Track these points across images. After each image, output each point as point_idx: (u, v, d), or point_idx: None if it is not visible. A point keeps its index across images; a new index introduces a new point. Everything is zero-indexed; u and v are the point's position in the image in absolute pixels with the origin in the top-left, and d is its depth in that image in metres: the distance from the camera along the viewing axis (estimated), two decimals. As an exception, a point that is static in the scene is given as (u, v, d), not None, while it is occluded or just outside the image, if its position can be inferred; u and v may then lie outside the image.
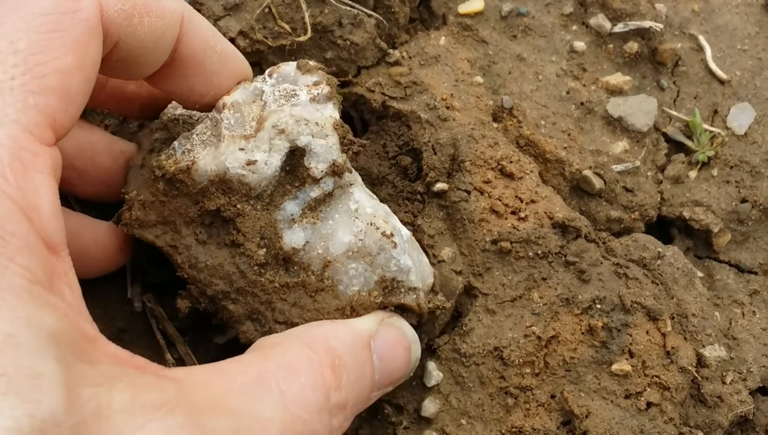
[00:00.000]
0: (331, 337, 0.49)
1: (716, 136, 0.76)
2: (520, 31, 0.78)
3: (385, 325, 0.53)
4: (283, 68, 0.57)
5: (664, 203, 0.74)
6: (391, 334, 0.53)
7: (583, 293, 0.64)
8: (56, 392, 0.32)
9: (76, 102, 0.39)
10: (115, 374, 0.36)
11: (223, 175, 0.52)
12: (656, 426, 0.62)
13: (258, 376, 0.42)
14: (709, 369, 0.66)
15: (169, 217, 0.53)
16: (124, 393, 0.35)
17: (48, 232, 0.36)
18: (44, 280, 0.35)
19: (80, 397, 0.33)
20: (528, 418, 0.62)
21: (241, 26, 0.67)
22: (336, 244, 0.56)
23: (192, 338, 0.64)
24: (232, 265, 0.54)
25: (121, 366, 0.37)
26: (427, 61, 0.73)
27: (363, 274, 0.56)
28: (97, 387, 0.34)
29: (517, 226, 0.65)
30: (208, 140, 0.53)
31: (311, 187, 0.55)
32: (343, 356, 0.48)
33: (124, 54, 0.45)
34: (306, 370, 0.44)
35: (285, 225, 0.55)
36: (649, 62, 0.79)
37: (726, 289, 0.73)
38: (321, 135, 0.54)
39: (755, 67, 0.80)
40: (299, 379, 0.43)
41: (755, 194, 0.74)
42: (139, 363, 0.39)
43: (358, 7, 0.70)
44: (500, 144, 0.69)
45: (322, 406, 0.44)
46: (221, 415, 0.38)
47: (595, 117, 0.75)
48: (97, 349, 0.37)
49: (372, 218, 0.57)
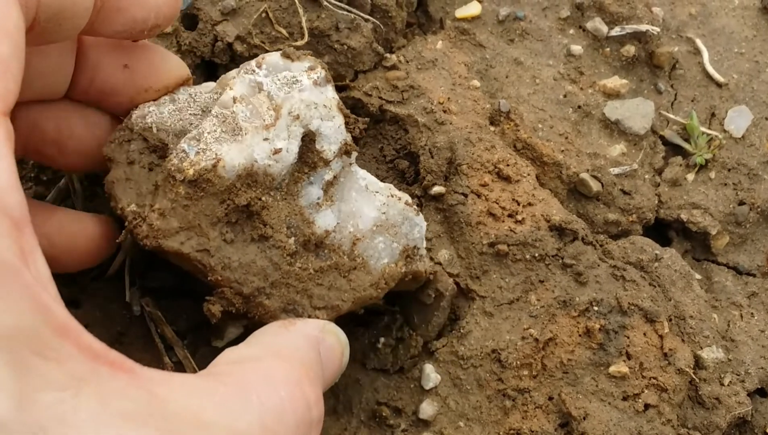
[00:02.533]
0: (298, 348, 0.49)
1: (714, 138, 0.76)
2: (517, 35, 0.78)
3: (327, 332, 0.53)
4: (269, 59, 0.56)
5: (661, 206, 0.74)
6: (332, 341, 0.53)
7: (581, 295, 0.65)
8: (7, 400, 0.30)
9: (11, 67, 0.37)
10: (84, 374, 0.33)
11: (251, 167, 0.52)
12: (654, 428, 0.62)
13: (238, 388, 0.41)
14: (707, 371, 0.66)
15: (193, 221, 0.52)
16: (92, 399, 0.33)
17: (9, 206, 0.33)
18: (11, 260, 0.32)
19: (38, 403, 0.31)
20: (526, 420, 0.62)
21: (238, 31, 0.68)
22: (364, 220, 0.57)
23: (191, 342, 0.64)
24: (264, 259, 0.53)
25: (93, 363, 0.34)
26: (424, 65, 0.74)
27: (390, 245, 0.58)
28: (61, 391, 0.32)
29: (515, 228, 0.66)
30: (222, 137, 0.52)
31: (323, 169, 0.55)
32: (312, 367, 0.48)
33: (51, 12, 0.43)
34: (285, 384, 0.43)
35: (312, 210, 0.55)
36: (646, 65, 0.79)
37: (724, 291, 0.73)
38: (329, 117, 0.55)
39: (752, 70, 0.80)
40: (279, 393, 0.42)
41: (753, 197, 0.74)
42: (114, 359, 0.36)
43: (355, 12, 0.70)
44: (497, 147, 0.69)
45: (302, 421, 0.43)
46: (196, 429, 0.36)
47: (593, 120, 0.76)
48: (67, 341, 0.34)
49: (389, 190, 0.59)
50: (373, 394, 0.64)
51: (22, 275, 0.33)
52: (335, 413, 0.64)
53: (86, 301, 0.63)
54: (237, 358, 0.46)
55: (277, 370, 0.44)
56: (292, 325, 0.52)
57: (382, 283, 0.58)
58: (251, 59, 0.68)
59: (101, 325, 0.62)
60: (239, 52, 0.68)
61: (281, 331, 0.51)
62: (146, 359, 0.63)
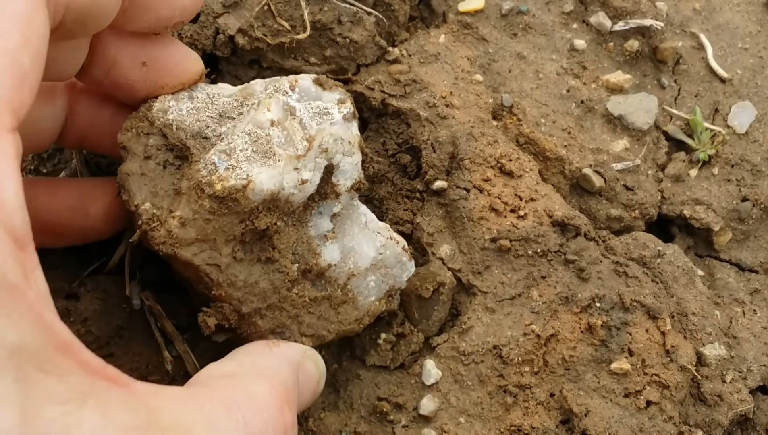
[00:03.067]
0: (280, 371, 0.50)
1: (717, 134, 0.76)
2: (521, 29, 0.78)
3: (307, 358, 0.54)
4: (302, 83, 0.56)
5: (664, 202, 0.74)
6: (311, 368, 0.54)
7: (583, 292, 0.64)
8: (11, 414, 0.31)
9: (29, 79, 0.37)
10: (84, 388, 0.34)
11: (277, 194, 0.52)
12: (656, 425, 0.62)
13: (225, 406, 0.42)
14: (709, 368, 0.66)
15: (210, 235, 0.52)
16: (95, 412, 0.34)
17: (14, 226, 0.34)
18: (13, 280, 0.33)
19: (42, 417, 0.32)
20: (527, 416, 0.62)
21: (240, 24, 0.67)
22: (363, 259, 0.59)
23: (190, 336, 0.64)
24: (267, 281, 0.54)
25: (92, 377, 0.35)
26: (426, 59, 0.73)
27: (379, 285, 0.60)
28: (64, 405, 0.33)
29: (517, 224, 0.65)
30: (252, 157, 0.52)
31: (333, 202, 0.57)
32: (292, 391, 0.49)
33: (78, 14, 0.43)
34: (268, 406, 0.44)
35: (320, 241, 0.57)
36: (650, 60, 0.79)
37: (726, 287, 0.72)
38: (350, 153, 0.56)
39: (756, 66, 0.80)
40: (263, 415, 0.43)
41: (756, 193, 0.74)
42: (110, 374, 0.37)
43: (358, 5, 0.70)
44: (500, 142, 0.69)
45: None
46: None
47: (596, 115, 0.75)
48: (68, 357, 0.35)
49: (389, 232, 0.61)
50: (373, 390, 0.64)
51: (25, 294, 0.33)
52: (336, 409, 0.64)
53: (86, 294, 0.63)
54: (223, 373, 0.48)
55: (261, 391, 0.45)
56: (276, 347, 0.53)
57: (365, 319, 0.60)
58: (252, 52, 0.68)
59: (101, 318, 0.62)
60: (241, 45, 0.67)
61: (266, 353, 0.53)
62: (146, 353, 0.63)
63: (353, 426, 0.63)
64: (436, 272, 0.65)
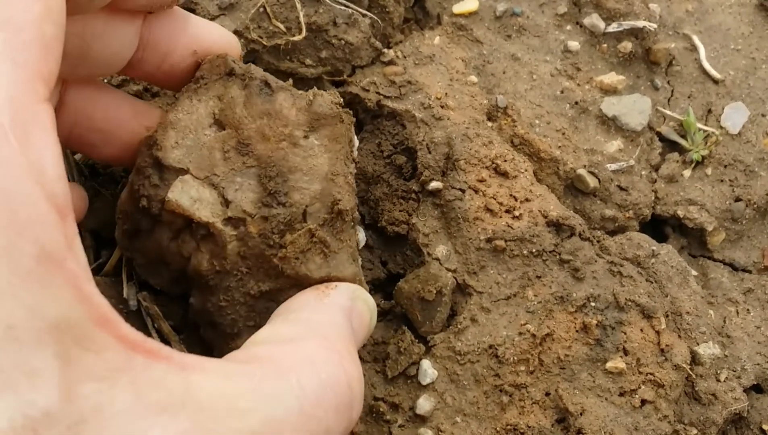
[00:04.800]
0: (336, 324, 0.48)
1: (710, 135, 0.77)
2: (515, 31, 0.78)
3: (357, 299, 0.53)
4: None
5: (658, 202, 0.74)
6: (362, 308, 0.53)
7: (578, 291, 0.65)
8: (52, 390, 0.31)
9: (53, 48, 0.37)
10: (120, 365, 0.34)
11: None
12: (651, 423, 0.62)
13: (277, 372, 0.40)
14: (703, 367, 0.66)
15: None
16: (127, 391, 0.33)
17: (56, 195, 0.34)
18: (57, 251, 0.33)
19: (80, 395, 0.32)
20: (523, 415, 0.62)
21: (236, 26, 0.67)
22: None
23: (187, 337, 0.64)
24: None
25: (130, 352, 0.35)
26: (421, 60, 0.73)
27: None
28: (99, 382, 0.33)
29: (512, 224, 0.66)
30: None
31: None
32: (350, 342, 0.47)
33: None
34: (326, 365, 0.43)
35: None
36: (643, 62, 0.79)
37: (720, 287, 0.73)
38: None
39: (749, 67, 0.80)
40: (320, 376, 0.42)
41: (749, 193, 0.75)
42: (151, 347, 0.36)
43: (353, 7, 0.70)
44: (495, 143, 0.69)
45: (342, 402, 0.42)
46: (231, 417, 0.36)
47: (590, 116, 0.76)
48: (106, 330, 0.34)
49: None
50: (370, 390, 0.64)
51: (67, 265, 0.33)
52: (332, 409, 0.64)
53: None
54: (276, 338, 0.46)
55: (318, 351, 0.44)
56: (326, 296, 0.51)
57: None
58: (248, 55, 0.68)
59: (98, 320, 0.62)
60: (236, 47, 0.68)
61: (318, 306, 0.50)
62: (143, 354, 0.63)
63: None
64: (437, 274, 0.65)
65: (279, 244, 0.53)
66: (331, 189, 0.54)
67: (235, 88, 0.55)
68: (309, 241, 0.53)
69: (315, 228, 0.53)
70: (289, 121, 0.54)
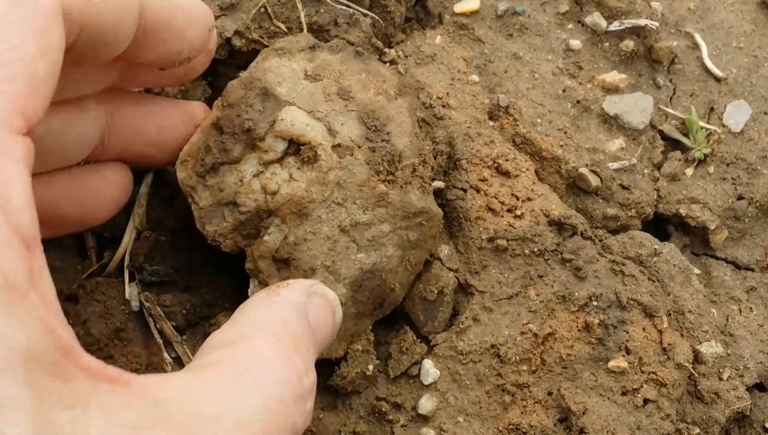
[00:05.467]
0: (285, 321, 0.48)
1: (712, 133, 0.76)
2: (516, 30, 0.78)
3: (313, 293, 0.53)
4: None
5: (660, 201, 0.74)
6: (320, 302, 0.53)
7: (580, 290, 0.65)
8: (24, 420, 0.31)
9: (43, 88, 0.38)
10: (88, 392, 0.34)
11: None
12: (653, 422, 0.62)
13: (233, 376, 0.41)
14: (705, 365, 0.66)
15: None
16: (99, 416, 0.34)
17: (21, 226, 0.34)
18: (20, 281, 0.33)
19: (53, 423, 0.32)
20: (525, 415, 0.62)
21: (237, 26, 0.67)
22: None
23: (189, 337, 0.64)
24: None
25: (95, 380, 0.35)
26: (423, 60, 0.73)
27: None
28: (72, 409, 0.33)
29: (514, 223, 0.66)
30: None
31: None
32: (300, 337, 0.47)
33: (92, 37, 0.44)
34: (278, 362, 0.44)
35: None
36: (645, 60, 0.79)
37: (723, 285, 0.73)
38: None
39: (751, 65, 0.80)
40: (274, 373, 0.43)
41: (752, 191, 0.74)
42: (111, 375, 0.36)
43: (354, 7, 0.70)
44: (496, 142, 0.69)
45: (297, 395, 0.43)
46: (204, 426, 0.37)
47: (591, 115, 0.76)
48: (71, 361, 0.34)
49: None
50: (372, 390, 0.64)
51: (28, 296, 0.33)
52: (335, 409, 0.64)
53: (85, 296, 0.63)
54: (226, 341, 0.46)
55: (266, 348, 0.44)
56: (276, 295, 0.51)
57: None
58: (249, 55, 0.68)
59: (100, 320, 0.62)
60: (237, 47, 0.68)
61: (267, 304, 0.51)
62: (145, 355, 0.63)
63: (352, 426, 0.63)
64: (439, 274, 0.65)
65: (388, 170, 0.58)
66: (416, 142, 0.60)
67: (325, 53, 0.61)
68: (412, 174, 0.59)
69: (418, 162, 0.59)
70: (387, 78, 0.61)
